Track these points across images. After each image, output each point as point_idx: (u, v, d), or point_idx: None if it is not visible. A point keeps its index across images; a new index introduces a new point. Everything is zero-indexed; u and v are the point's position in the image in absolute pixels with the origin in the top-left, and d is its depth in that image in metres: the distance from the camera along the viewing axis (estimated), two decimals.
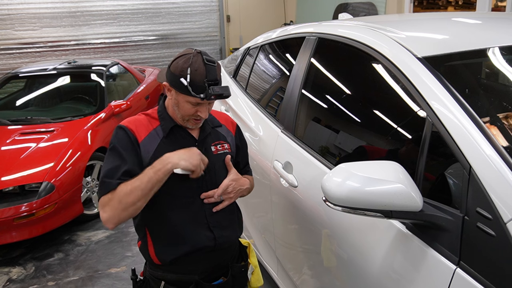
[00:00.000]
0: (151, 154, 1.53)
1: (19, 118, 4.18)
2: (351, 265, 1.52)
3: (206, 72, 1.46)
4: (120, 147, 1.50)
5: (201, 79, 1.45)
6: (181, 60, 1.49)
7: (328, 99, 2.09)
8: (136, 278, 1.70)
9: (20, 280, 3.10)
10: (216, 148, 1.65)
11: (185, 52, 1.51)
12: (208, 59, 1.48)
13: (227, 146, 1.69)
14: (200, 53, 1.50)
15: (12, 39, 7.21)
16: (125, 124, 1.57)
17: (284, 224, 2.11)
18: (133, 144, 1.52)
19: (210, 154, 1.62)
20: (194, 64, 1.46)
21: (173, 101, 1.55)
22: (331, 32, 2.02)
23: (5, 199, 3.23)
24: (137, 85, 5.44)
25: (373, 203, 1.17)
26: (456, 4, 5.38)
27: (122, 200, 1.42)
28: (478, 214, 1.10)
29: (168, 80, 1.52)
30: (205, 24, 8.28)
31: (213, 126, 1.70)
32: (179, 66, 1.47)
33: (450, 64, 1.54)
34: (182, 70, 1.46)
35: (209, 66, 1.47)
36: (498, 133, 1.25)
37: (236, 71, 3.01)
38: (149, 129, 1.57)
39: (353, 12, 5.85)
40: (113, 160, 1.49)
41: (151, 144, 1.55)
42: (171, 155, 1.47)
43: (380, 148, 1.70)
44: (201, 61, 1.47)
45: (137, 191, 1.41)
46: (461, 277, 1.11)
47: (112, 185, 1.44)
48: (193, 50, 1.50)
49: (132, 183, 1.43)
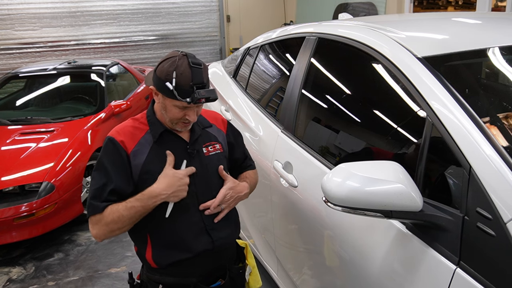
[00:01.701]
0: (142, 162, 1.52)
1: (19, 118, 4.18)
2: (351, 265, 1.52)
3: (192, 75, 1.43)
4: (108, 162, 1.51)
5: (186, 83, 1.42)
6: (167, 63, 1.46)
7: (328, 99, 2.09)
8: (133, 282, 1.69)
9: (20, 280, 3.10)
10: (207, 150, 1.63)
11: (171, 55, 1.49)
12: (194, 62, 1.45)
13: (218, 146, 1.67)
14: (185, 55, 1.46)
15: (12, 39, 7.21)
16: (114, 135, 1.55)
17: (284, 224, 2.11)
18: (122, 158, 1.51)
19: (202, 156, 1.61)
20: (179, 67, 1.43)
21: (160, 105, 1.53)
22: (331, 32, 2.02)
23: (5, 199, 3.23)
24: (137, 85, 5.44)
25: (373, 203, 1.17)
26: (456, 4, 5.38)
27: (109, 225, 1.47)
28: (478, 214, 1.10)
29: (154, 84, 1.50)
30: (205, 24, 8.28)
31: (203, 127, 1.67)
32: (164, 70, 1.45)
33: (450, 64, 1.54)
34: (167, 74, 1.43)
35: (194, 69, 1.44)
36: (498, 133, 1.25)
37: (236, 71, 3.01)
38: (138, 137, 1.55)
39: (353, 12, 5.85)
40: (100, 178, 1.50)
41: (141, 152, 1.53)
42: (159, 190, 1.46)
43: (379, 148, 1.70)
44: (187, 64, 1.44)
45: (124, 220, 1.46)
46: (461, 277, 1.11)
47: (98, 209, 1.47)
48: (179, 53, 1.48)
49: (120, 212, 1.45)
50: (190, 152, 1.58)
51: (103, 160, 1.52)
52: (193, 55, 1.49)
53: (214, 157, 1.64)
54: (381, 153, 1.64)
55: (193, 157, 1.59)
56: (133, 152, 1.53)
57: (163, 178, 1.48)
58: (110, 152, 1.52)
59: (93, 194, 1.49)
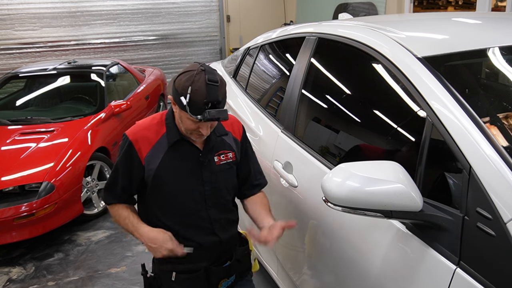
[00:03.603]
0: (155, 167, 1.60)
1: (19, 118, 4.18)
2: (351, 265, 1.52)
3: (207, 93, 1.43)
4: (121, 163, 1.64)
5: (200, 100, 1.43)
6: (185, 76, 1.47)
7: (328, 99, 2.09)
8: (146, 274, 1.74)
9: (20, 280, 3.10)
10: (219, 159, 1.67)
11: (190, 68, 1.50)
12: (210, 78, 1.45)
13: (231, 155, 1.70)
14: (204, 70, 1.47)
15: (12, 39, 7.20)
16: (131, 137, 1.61)
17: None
18: (134, 164, 1.61)
19: (213, 165, 1.65)
20: (196, 83, 1.44)
21: (177, 114, 1.56)
22: (331, 32, 2.02)
23: (5, 199, 3.23)
24: (137, 85, 5.44)
25: (373, 203, 1.17)
26: (456, 4, 5.37)
27: (116, 219, 1.70)
28: (478, 214, 1.10)
29: (172, 95, 1.54)
30: (205, 24, 8.27)
31: (218, 135, 1.69)
32: (181, 84, 1.47)
33: (450, 64, 1.54)
34: (183, 88, 1.45)
35: (210, 87, 1.44)
36: (498, 133, 1.25)
37: (236, 71, 3.01)
38: (154, 140, 1.61)
39: (353, 12, 5.85)
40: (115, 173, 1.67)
41: (155, 157, 1.60)
42: (146, 237, 1.59)
43: (379, 148, 1.70)
44: (204, 80, 1.44)
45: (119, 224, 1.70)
46: (461, 277, 1.11)
47: (107, 200, 1.71)
48: (198, 67, 1.48)
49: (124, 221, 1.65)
50: (201, 160, 1.63)
51: (119, 159, 1.65)
52: (211, 70, 1.49)
53: (225, 166, 1.68)
54: (381, 153, 1.64)
55: (204, 166, 1.64)
56: (147, 157, 1.60)
57: (157, 233, 1.59)
58: (126, 154, 1.63)
59: (107, 185, 1.70)
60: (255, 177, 1.81)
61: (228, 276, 1.72)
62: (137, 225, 1.62)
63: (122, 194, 1.67)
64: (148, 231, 1.60)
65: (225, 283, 1.72)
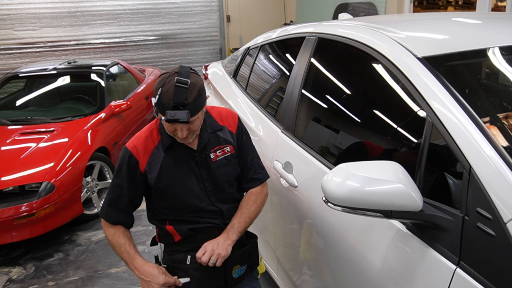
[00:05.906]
0: (156, 175, 1.63)
1: (19, 118, 4.18)
2: (351, 265, 1.52)
3: (174, 95, 1.45)
4: (124, 176, 1.65)
5: (167, 101, 1.46)
6: (160, 77, 1.52)
7: (328, 99, 2.09)
8: (160, 265, 1.74)
9: (20, 280, 3.10)
10: (215, 155, 1.69)
11: (169, 70, 1.54)
12: (180, 81, 1.46)
13: (229, 148, 1.71)
14: (178, 73, 1.49)
15: (12, 39, 7.21)
16: (131, 148, 1.64)
17: (284, 224, 2.11)
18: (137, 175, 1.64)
19: (210, 162, 1.68)
20: (166, 84, 1.47)
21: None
22: (331, 32, 2.02)
23: (5, 199, 3.23)
24: (137, 85, 5.44)
25: (373, 203, 1.17)
26: (456, 4, 5.37)
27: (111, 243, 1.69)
28: (478, 214, 1.10)
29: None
30: (205, 24, 8.28)
31: (212, 131, 1.70)
32: (156, 85, 1.52)
33: (450, 64, 1.54)
34: (156, 89, 1.50)
35: (179, 89, 1.45)
36: (498, 133, 1.25)
37: (236, 71, 3.01)
38: (151, 148, 1.65)
39: (353, 12, 5.85)
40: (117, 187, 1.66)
41: (155, 164, 1.64)
42: (140, 271, 1.63)
43: (379, 147, 1.70)
44: (173, 82, 1.46)
45: (119, 255, 1.69)
46: (461, 277, 1.11)
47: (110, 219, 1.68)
48: (175, 69, 1.51)
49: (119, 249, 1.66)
50: (197, 160, 1.65)
51: (121, 172, 1.65)
52: (187, 73, 1.50)
53: (222, 161, 1.70)
54: (381, 153, 1.64)
55: (201, 164, 1.67)
56: (148, 166, 1.63)
57: (152, 268, 1.63)
58: (128, 166, 1.64)
59: (109, 202, 1.68)
60: (253, 171, 1.79)
61: (241, 263, 1.72)
62: (133, 256, 1.65)
63: (126, 209, 1.69)
64: (142, 265, 1.63)
65: (238, 270, 1.71)
